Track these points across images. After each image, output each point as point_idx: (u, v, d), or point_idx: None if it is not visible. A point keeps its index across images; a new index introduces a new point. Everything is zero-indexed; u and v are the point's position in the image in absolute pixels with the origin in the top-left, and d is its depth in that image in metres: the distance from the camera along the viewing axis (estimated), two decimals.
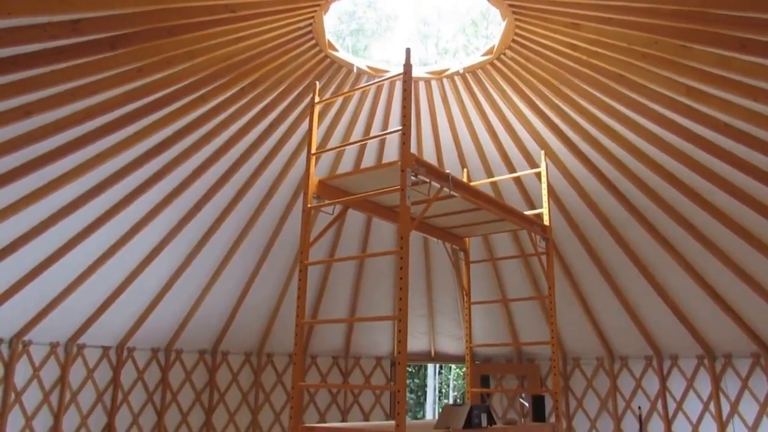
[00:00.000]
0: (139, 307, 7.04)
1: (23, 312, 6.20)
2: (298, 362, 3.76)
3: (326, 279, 7.93)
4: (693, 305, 6.84)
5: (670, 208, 6.06)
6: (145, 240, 6.37)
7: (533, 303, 7.80)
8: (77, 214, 5.61)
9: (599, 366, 7.90)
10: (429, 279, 8.24)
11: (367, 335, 8.47)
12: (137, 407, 7.29)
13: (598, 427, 7.73)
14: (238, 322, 7.84)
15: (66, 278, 6.17)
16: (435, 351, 8.78)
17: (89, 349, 6.97)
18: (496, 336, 8.16)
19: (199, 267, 7.01)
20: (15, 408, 6.28)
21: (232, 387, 8.02)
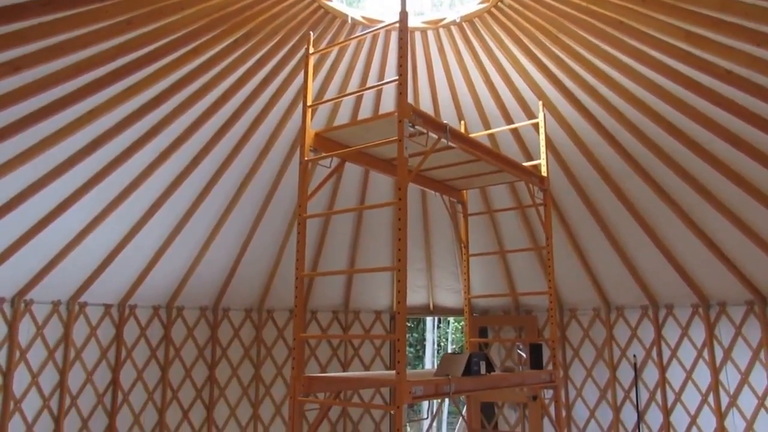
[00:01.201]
0: (138, 265, 7.07)
1: (23, 271, 6.23)
2: (299, 314, 3.81)
3: (325, 234, 7.95)
4: (689, 255, 6.89)
5: (669, 158, 6.04)
6: (142, 197, 6.35)
7: (531, 256, 7.86)
8: (73, 172, 5.57)
9: (595, 316, 8.01)
10: (427, 233, 8.27)
11: (367, 290, 8.56)
12: (141, 363, 7.41)
13: (593, 375, 7.90)
14: (238, 279, 7.90)
15: (65, 237, 6.17)
16: (433, 304, 8.88)
17: (91, 307, 7.03)
18: (494, 289, 8.24)
19: (197, 224, 7.01)
20: (21, 366, 6.37)
21: (234, 342, 8.14)
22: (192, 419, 7.69)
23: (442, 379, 3.61)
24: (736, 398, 6.77)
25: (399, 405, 3.17)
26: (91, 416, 6.90)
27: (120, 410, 7.14)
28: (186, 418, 7.66)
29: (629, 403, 7.58)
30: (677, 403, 7.23)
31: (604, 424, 7.72)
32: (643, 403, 7.47)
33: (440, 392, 3.56)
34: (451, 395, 3.63)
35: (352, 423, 8.40)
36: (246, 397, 8.06)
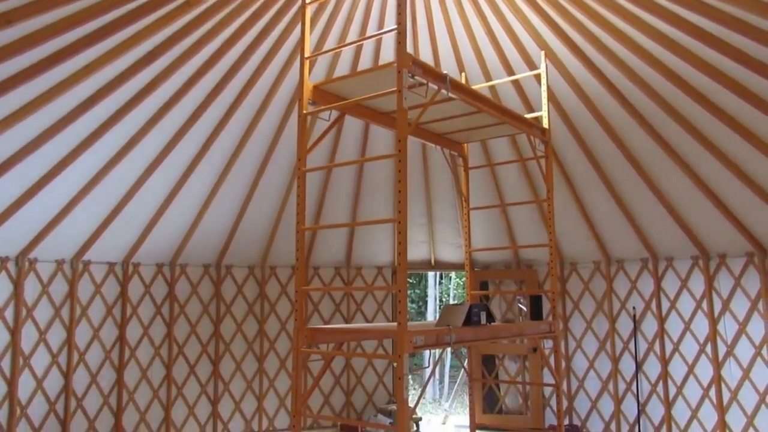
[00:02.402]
0: (140, 223, 7.09)
1: (26, 230, 6.25)
2: (300, 267, 3.83)
3: (325, 190, 7.95)
4: (690, 207, 6.88)
5: (672, 109, 5.96)
6: (141, 155, 6.31)
7: (532, 210, 7.86)
8: (70, 129, 5.52)
9: (596, 269, 8.07)
10: (428, 188, 8.26)
11: (368, 246, 8.60)
12: (147, 320, 7.51)
13: (593, 327, 8.01)
14: (240, 236, 7.93)
15: (65, 195, 6.16)
16: (435, 259, 8.94)
17: (95, 265, 7.08)
18: (496, 243, 8.29)
19: (197, 181, 6.99)
20: (28, 323, 6.46)
21: (238, 299, 8.24)
22: (198, 374, 7.85)
23: (443, 329, 3.66)
24: (734, 348, 6.88)
25: (400, 354, 3.22)
26: (99, 372, 7.04)
27: (127, 366, 7.28)
28: (193, 372, 7.81)
29: (628, 354, 7.71)
30: (675, 353, 7.35)
31: (602, 374, 7.86)
32: (641, 354, 7.59)
33: (441, 342, 3.61)
34: (452, 345, 3.68)
35: (356, 376, 8.57)
36: (251, 351, 8.20)
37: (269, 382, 8.24)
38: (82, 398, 6.85)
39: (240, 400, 8.06)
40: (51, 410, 6.57)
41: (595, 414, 7.86)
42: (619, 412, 7.66)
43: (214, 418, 7.86)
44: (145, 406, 7.37)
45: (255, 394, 8.14)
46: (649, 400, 7.48)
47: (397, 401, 3.24)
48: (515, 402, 8.52)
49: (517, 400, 8.50)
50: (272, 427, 8.17)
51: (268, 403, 8.19)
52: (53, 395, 6.60)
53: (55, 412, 6.61)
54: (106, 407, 7.06)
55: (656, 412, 7.41)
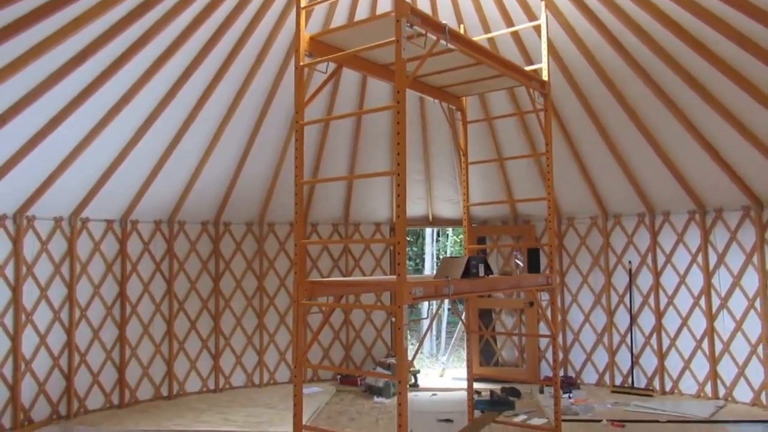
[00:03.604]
0: (137, 181, 7.05)
1: (22, 187, 6.20)
2: (299, 220, 3.83)
3: (323, 146, 7.91)
4: (688, 161, 6.88)
5: (672, 60, 5.88)
6: (135, 110, 6.21)
7: (530, 166, 7.85)
8: (63, 84, 5.41)
9: (593, 224, 8.11)
10: (426, 145, 8.22)
11: (366, 202, 8.61)
12: (146, 277, 7.56)
13: (589, 282, 8.11)
14: (237, 193, 7.92)
15: (60, 152, 6.09)
16: (432, 215, 8.96)
17: (93, 222, 7.07)
18: (493, 198, 8.31)
19: (193, 136, 6.93)
20: (28, 280, 6.49)
21: (237, 256, 8.28)
22: (199, 329, 7.96)
23: (441, 281, 3.69)
24: (727, 300, 6.98)
25: (399, 305, 3.25)
26: (101, 327, 7.11)
27: (129, 321, 7.36)
28: (194, 328, 7.92)
29: (623, 307, 7.83)
30: (669, 306, 7.46)
31: (597, 327, 8.00)
32: (636, 307, 7.71)
33: (439, 293, 3.65)
34: (450, 296, 3.72)
35: (355, 331, 8.69)
36: (251, 307, 8.30)
37: (269, 337, 8.36)
38: (85, 353, 6.94)
39: (241, 355, 8.19)
40: (55, 365, 6.66)
41: (590, 366, 8.03)
42: (613, 364, 7.82)
43: (215, 372, 8.00)
44: (148, 360, 7.49)
45: (255, 349, 8.27)
46: (643, 352, 7.63)
47: (396, 352, 3.29)
48: (511, 355, 8.69)
49: (514, 353, 8.66)
50: (273, 380, 8.33)
51: (268, 358, 8.33)
52: (57, 350, 6.69)
53: (59, 366, 6.71)
54: (110, 362, 7.17)
55: (649, 363, 7.57)
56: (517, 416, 6.37)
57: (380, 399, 7.32)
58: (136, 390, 7.36)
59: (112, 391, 7.16)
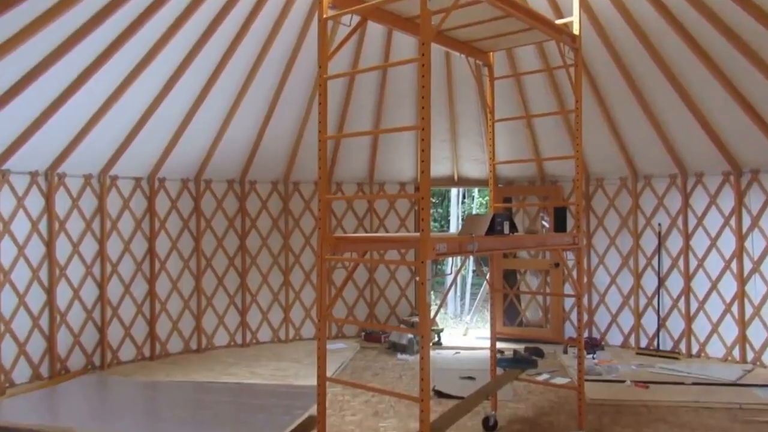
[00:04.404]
0: (164, 138, 7.10)
1: (53, 145, 6.28)
2: (323, 176, 3.82)
3: (347, 105, 7.84)
4: (725, 120, 6.64)
5: (711, 13, 5.61)
6: (160, 67, 6.21)
7: (558, 125, 7.69)
8: (87, 42, 5.37)
9: (622, 185, 7.96)
10: (451, 103, 8.09)
11: (391, 162, 8.57)
12: (174, 234, 7.70)
13: (617, 244, 8.00)
14: (262, 152, 7.95)
15: (87, 110, 6.14)
16: (458, 175, 8.89)
17: (122, 180, 7.18)
18: (520, 157, 8.18)
19: (218, 95, 6.93)
20: (61, 236, 6.65)
21: (263, 214, 8.36)
22: (227, 285, 8.11)
23: (465, 237, 3.66)
24: (760, 264, 6.82)
25: (423, 260, 3.24)
26: (132, 282, 7.29)
27: (159, 277, 7.53)
28: (221, 284, 8.07)
29: (651, 270, 7.72)
30: (699, 269, 7.33)
31: (624, 289, 7.92)
32: (664, 270, 7.60)
33: (464, 250, 3.62)
34: (475, 253, 3.69)
35: (379, 289, 8.76)
36: (276, 265, 8.41)
37: (295, 294, 8.48)
38: (117, 307, 7.14)
39: (267, 311, 8.35)
40: (89, 318, 6.88)
41: (615, 328, 7.99)
42: (639, 326, 7.77)
43: (242, 327, 8.18)
44: (177, 315, 7.68)
45: (281, 306, 8.42)
46: (670, 315, 7.55)
47: (419, 307, 3.29)
48: (535, 315, 8.68)
49: (538, 313, 8.66)
50: (298, 336, 8.49)
51: (294, 314, 8.47)
52: (90, 304, 6.89)
53: (93, 319, 6.92)
54: (140, 316, 7.37)
55: (676, 326, 7.50)
56: (539, 375, 6.40)
57: (403, 356, 7.42)
58: (166, 343, 7.57)
59: (143, 343, 7.38)
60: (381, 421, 5.05)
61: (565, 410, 5.33)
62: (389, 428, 4.88)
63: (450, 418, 4.05)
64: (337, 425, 4.93)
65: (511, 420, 5.08)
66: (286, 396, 5.35)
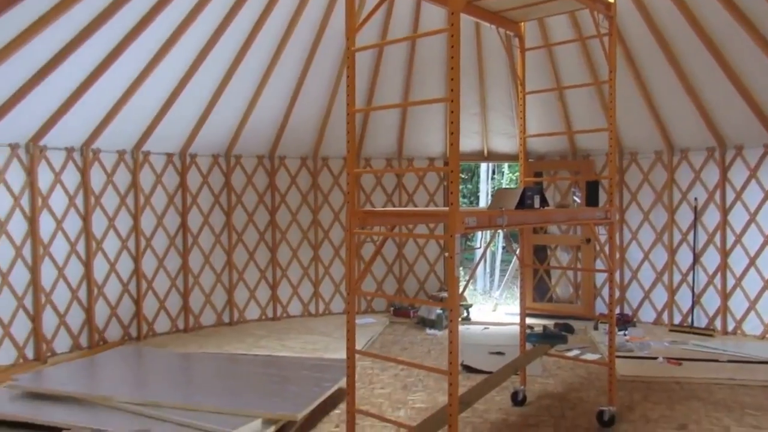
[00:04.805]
0: (195, 114, 7.17)
1: (87, 121, 6.40)
2: (352, 149, 3.80)
3: (375, 80, 7.78)
4: (767, 91, 6.40)
5: None
6: (188, 44, 6.23)
7: (591, 97, 7.51)
8: (115, 20, 5.43)
9: (657, 159, 7.76)
10: (481, 76, 7.96)
11: (420, 136, 8.50)
12: (206, 209, 7.81)
13: (651, 219, 7.83)
14: (291, 127, 7.97)
15: (119, 87, 6.21)
16: (488, 150, 8.78)
17: (154, 155, 7.29)
18: (552, 131, 8.03)
19: (246, 71, 6.95)
20: (97, 210, 6.80)
21: (292, 189, 8.41)
22: (257, 260, 8.22)
23: (495, 211, 3.62)
24: None
25: (452, 234, 3.22)
26: (165, 256, 7.44)
27: (191, 251, 7.66)
28: (252, 259, 8.18)
29: (686, 246, 7.56)
30: (737, 244, 7.15)
31: (658, 265, 7.78)
32: (700, 245, 7.43)
33: (493, 224, 3.58)
34: (504, 227, 3.65)
35: (408, 264, 8.78)
36: (306, 240, 8.48)
37: (324, 269, 8.56)
38: (151, 280, 7.31)
39: (297, 286, 8.45)
40: (124, 290, 7.06)
41: (648, 304, 7.87)
42: (673, 303, 7.63)
43: (273, 301, 8.30)
44: (210, 289, 7.83)
45: (311, 280, 8.50)
46: (705, 292, 7.40)
47: (447, 281, 3.28)
48: (566, 292, 8.60)
49: (568, 289, 8.57)
50: (328, 310, 8.58)
51: (323, 289, 8.56)
52: (126, 277, 7.07)
53: (129, 292, 7.10)
54: (174, 289, 7.53)
55: (711, 303, 7.35)
56: (569, 351, 6.36)
57: (432, 331, 7.44)
58: (199, 316, 7.74)
59: (177, 316, 7.56)
60: (410, 395, 5.10)
61: (595, 386, 5.30)
62: (418, 401, 4.92)
63: (478, 392, 4.06)
64: (366, 398, 4.99)
65: (540, 395, 5.07)
66: (316, 368, 5.43)
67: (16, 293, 6.04)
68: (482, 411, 4.70)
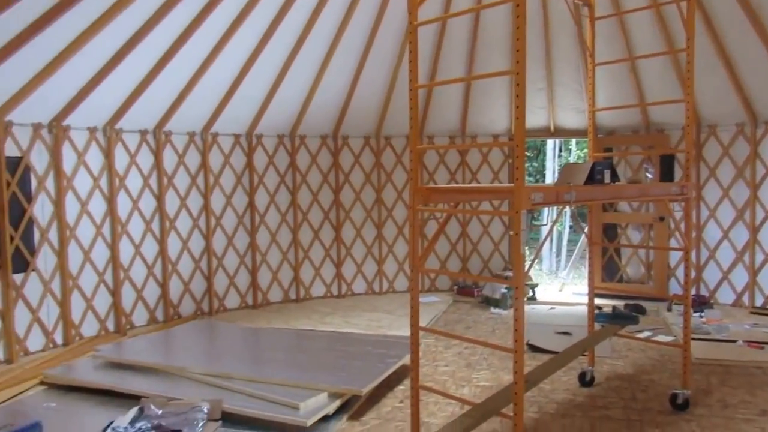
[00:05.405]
0: (259, 96, 7.30)
1: (158, 104, 6.63)
2: (414, 125, 3.77)
3: (438, 57, 7.67)
4: None
5: None
6: (253, 26, 6.33)
7: (665, 68, 7.12)
8: (181, 5, 5.59)
9: (739, 132, 7.30)
10: (548, 50, 7.69)
11: (484, 113, 8.35)
12: (272, 188, 7.98)
13: (731, 196, 7.40)
14: (354, 107, 7.99)
15: (187, 70, 6.39)
16: (554, 126, 8.51)
17: (222, 137, 7.49)
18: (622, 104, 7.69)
19: (308, 51, 6.99)
20: (170, 191, 7.08)
21: (355, 168, 8.46)
22: (322, 238, 8.34)
23: (562, 186, 3.51)
24: None
25: (517, 210, 3.14)
26: (234, 235, 7.67)
27: (258, 230, 7.87)
28: (317, 237, 8.32)
29: None
30: None
31: (738, 244, 7.37)
32: None
33: (560, 200, 3.47)
34: (572, 203, 3.53)
35: (472, 243, 8.69)
36: (369, 219, 8.53)
37: (388, 248, 8.59)
38: (221, 258, 7.56)
39: (361, 264, 8.53)
40: (196, 268, 7.34)
41: (726, 285, 7.48)
42: (754, 284, 7.22)
43: (338, 279, 8.43)
44: (276, 266, 8.03)
45: (375, 259, 8.57)
46: None
47: (513, 258, 3.22)
48: (637, 272, 8.29)
49: (639, 269, 8.26)
50: (392, 288, 8.63)
51: (387, 267, 8.61)
52: (197, 254, 7.34)
53: (200, 269, 7.38)
54: (243, 266, 7.77)
55: None
56: (641, 332, 6.14)
57: (497, 310, 7.37)
58: (267, 293, 7.96)
59: (246, 292, 7.80)
60: (474, 373, 5.07)
61: (668, 369, 5.11)
62: (482, 380, 4.89)
63: (544, 371, 3.99)
64: (430, 375, 5.00)
65: (609, 376, 4.93)
66: (381, 345, 5.48)
67: (97, 269, 6.38)
68: (548, 391, 4.62)
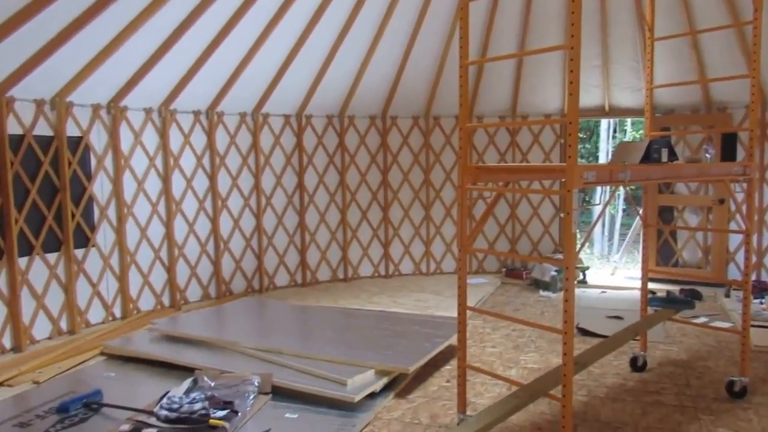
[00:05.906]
0: (308, 78, 7.35)
1: (210, 86, 6.77)
2: (464, 103, 3.72)
3: (489, 35, 7.53)
4: None
5: None
6: (302, 8, 6.36)
7: (729, 43, 6.78)
8: None
9: None
10: (604, 27, 7.44)
11: (535, 92, 8.17)
12: (321, 169, 8.05)
13: None
14: (403, 87, 7.95)
15: (238, 52, 6.48)
16: (609, 105, 8.25)
17: (272, 117, 7.59)
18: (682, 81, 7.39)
19: (358, 32, 6.98)
20: (222, 170, 7.23)
21: (404, 149, 8.44)
22: (370, 219, 8.39)
23: (617, 165, 3.40)
24: None
25: (569, 189, 3.07)
26: (284, 214, 7.80)
27: (308, 209, 7.97)
28: (365, 217, 8.37)
29: None
30: None
31: None
32: None
33: (615, 179, 3.37)
34: (626, 183, 3.43)
35: (521, 225, 8.57)
36: (417, 200, 8.52)
37: (435, 229, 8.57)
38: (271, 237, 7.71)
39: (408, 245, 8.54)
40: (247, 246, 7.51)
41: None
42: None
43: (386, 259, 8.47)
44: (325, 246, 8.13)
45: (422, 240, 8.56)
46: None
47: (564, 238, 3.16)
48: (693, 256, 8.01)
49: (696, 254, 7.98)
50: (439, 269, 8.62)
51: (434, 248, 8.59)
52: (248, 233, 7.51)
53: (251, 247, 7.54)
54: (292, 246, 7.90)
55: None
56: (696, 318, 5.95)
57: (546, 293, 7.26)
58: (316, 272, 8.08)
59: (295, 271, 7.94)
60: (522, 355, 5.03)
61: (724, 356, 4.94)
62: (530, 362, 4.85)
63: (595, 354, 3.92)
64: (477, 356, 4.99)
65: (661, 362, 4.81)
66: (428, 325, 5.49)
67: (153, 246, 6.61)
68: (598, 374, 4.55)
